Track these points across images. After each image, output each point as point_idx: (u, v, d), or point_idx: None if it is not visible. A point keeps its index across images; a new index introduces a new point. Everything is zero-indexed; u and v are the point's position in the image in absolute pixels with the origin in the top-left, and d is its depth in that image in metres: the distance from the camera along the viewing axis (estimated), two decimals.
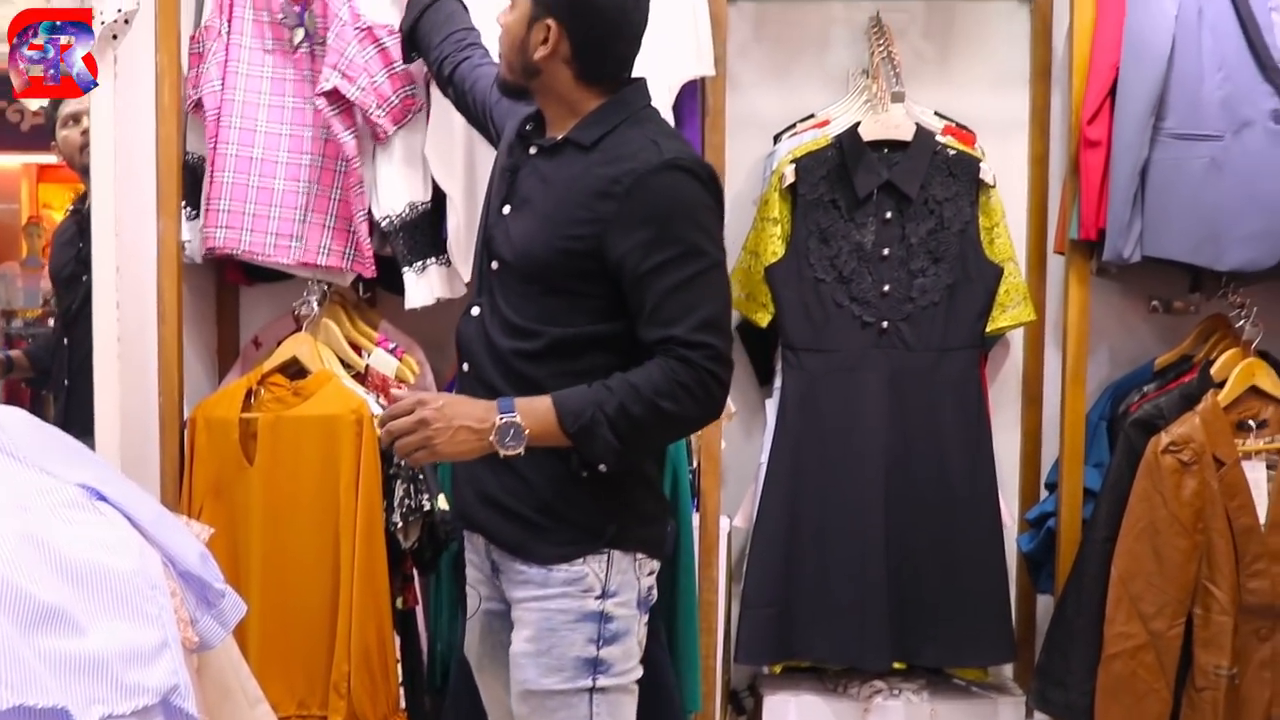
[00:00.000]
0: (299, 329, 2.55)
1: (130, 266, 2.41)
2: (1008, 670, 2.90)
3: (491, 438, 1.70)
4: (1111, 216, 2.48)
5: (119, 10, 2.20)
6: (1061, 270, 2.69)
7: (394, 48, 2.42)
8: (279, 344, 2.55)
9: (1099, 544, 2.46)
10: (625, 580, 1.83)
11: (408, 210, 2.55)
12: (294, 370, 2.47)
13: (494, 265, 1.86)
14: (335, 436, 2.33)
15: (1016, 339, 2.88)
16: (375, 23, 2.46)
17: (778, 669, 2.76)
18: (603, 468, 1.75)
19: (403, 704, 2.35)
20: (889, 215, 2.62)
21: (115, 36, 2.24)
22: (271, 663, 2.32)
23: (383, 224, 2.55)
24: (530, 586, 1.82)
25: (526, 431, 1.70)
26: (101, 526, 1.44)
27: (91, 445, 2.23)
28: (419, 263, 2.56)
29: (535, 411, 1.71)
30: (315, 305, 2.55)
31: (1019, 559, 2.82)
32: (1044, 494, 2.80)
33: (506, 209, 1.86)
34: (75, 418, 2.50)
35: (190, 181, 2.60)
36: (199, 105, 2.52)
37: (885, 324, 2.62)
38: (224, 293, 2.86)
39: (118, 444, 2.34)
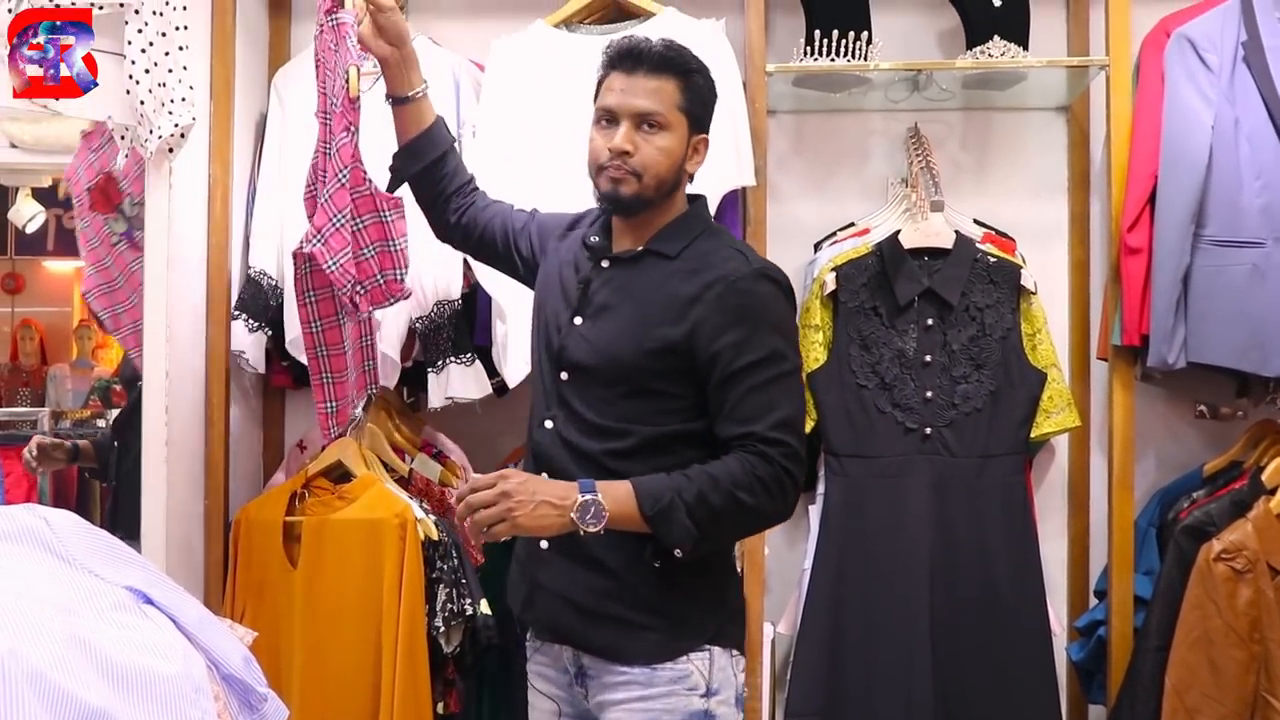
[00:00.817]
0: (344, 433, 2.56)
1: (180, 372, 2.43)
2: None
3: (573, 514, 1.70)
4: (1155, 323, 2.46)
5: (175, 125, 2.24)
6: (1105, 376, 2.67)
7: (396, 222, 2.22)
8: (323, 448, 2.56)
9: (1152, 653, 2.40)
10: (725, 678, 1.83)
11: (435, 311, 2.58)
12: (338, 474, 2.47)
13: (564, 375, 1.88)
14: (379, 540, 2.33)
15: (1061, 444, 2.84)
16: (376, 188, 2.19)
17: None
18: (678, 553, 1.75)
19: None
20: (930, 322, 2.62)
21: (171, 150, 2.29)
22: None
23: (416, 325, 2.58)
24: (633, 688, 1.81)
25: (606, 511, 1.71)
26: (147, 630, 1.42)
27: (137, 547, 2.23)
28: (440, 362, 2.58)
29: (615, 493, 1.73)
30: (359, 409, 2.56)
31: (1069, 668, 2.75)
32: (1093, 601, 2.74)
33: (578, 320, 1.89)
34: (120, 519, 2.51)
35: (254, 294, 2.64)
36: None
37: (928, 430, 2.60)
38: (270, 397, 2.88)
39: (164, 545, 2.34)
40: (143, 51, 2.20)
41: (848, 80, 2.72)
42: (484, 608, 2.35)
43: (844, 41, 2.64)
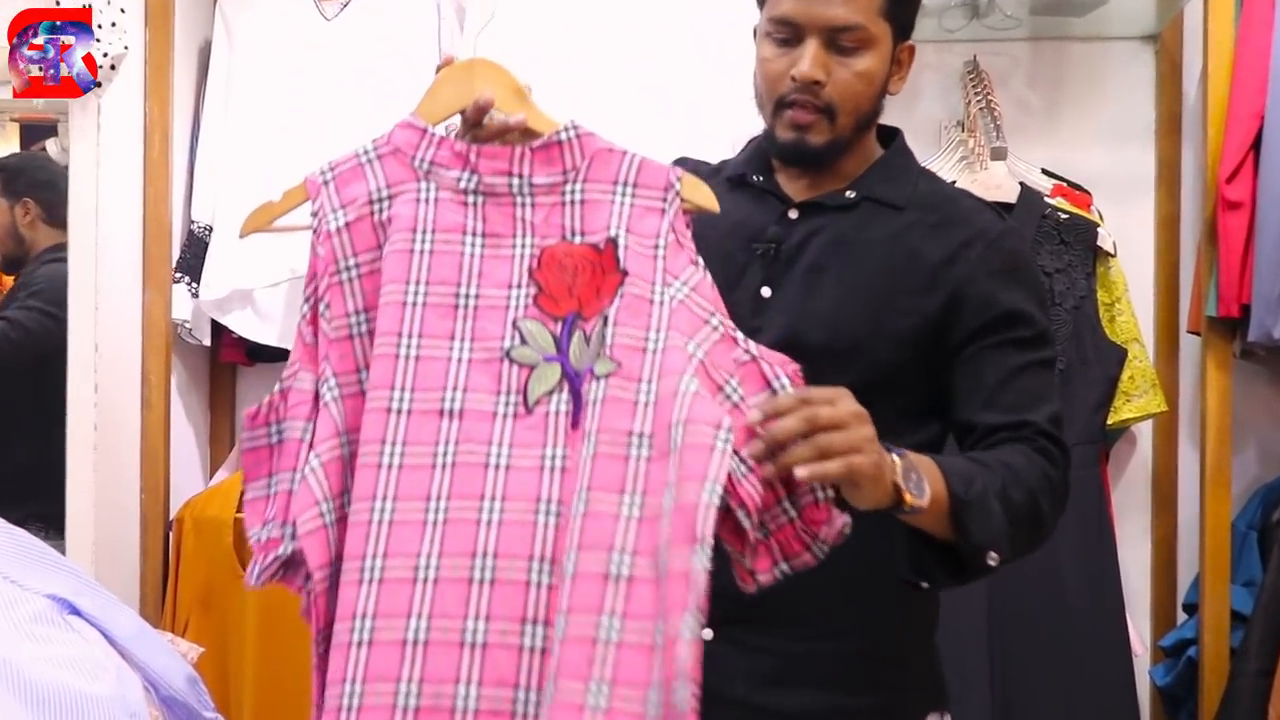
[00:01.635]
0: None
1: (111, 344, 2.41)
2: None
3: (897, 477, 1.37)
4: (1258, 290, 2.43)
5: (104, 55, 2.23)
6: (1197, 352, 2.64)
7: None
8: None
9: (1252, 678, 2.38)
10: None
11: None
12: None
13: None
14: None
15: (1144, 432, 2.83)
16: None
17: None
18: (992, 559, 1.46)
19: None
20: None
21: (100, 84, 2.27)
22: None
23: None
24: None
25: (927, 483, 1.40)
26: (73, 645, 1.42)
27: (61, 549, 2.22)
28: None
29: (924, 464, 1.42)
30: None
31: (1152, 694, 2.75)
32: (1181, 617, 2.73)
33: (767, 291, 1.63)
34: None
35: (198, 253, 2.62)
36: None
37: None
38: (219, 374, 2.87)
39: (92, 547, 2.34)
40: None
41: None
42: None
43: None
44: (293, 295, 2.59)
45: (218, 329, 2.70)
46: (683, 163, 1.68)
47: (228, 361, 2.84)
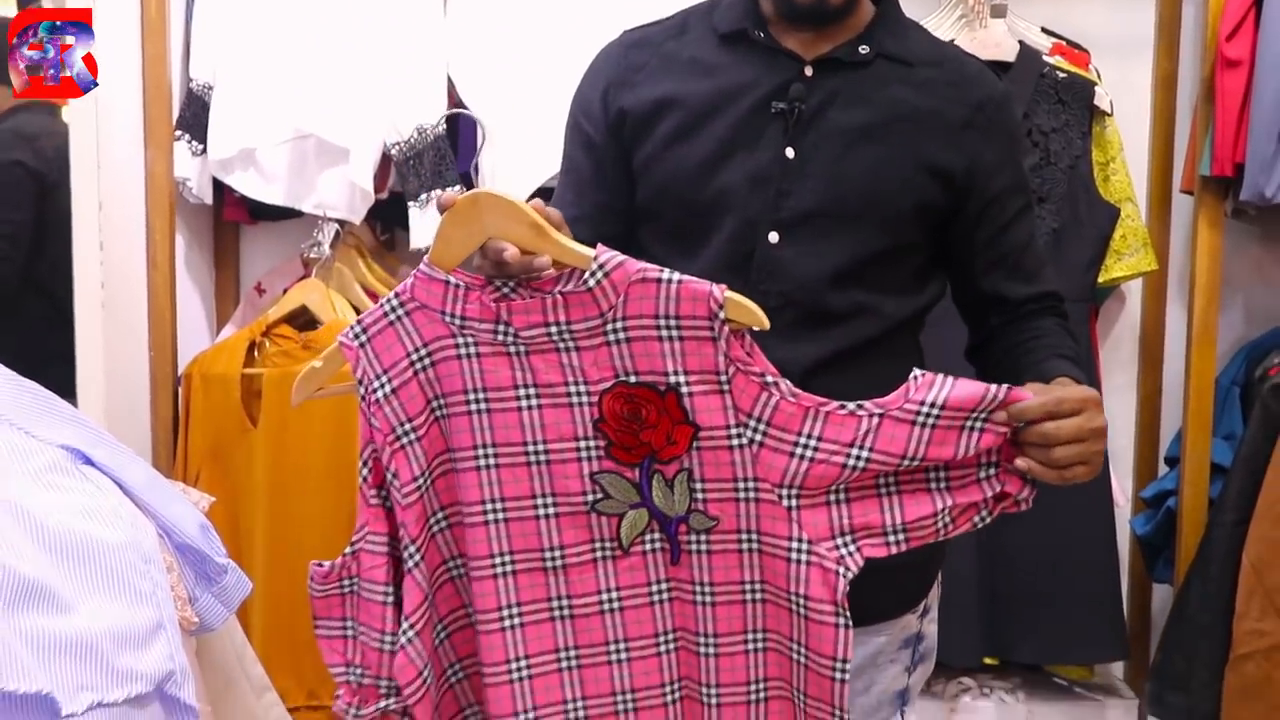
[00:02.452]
0: (308, 274, 2.54)
1: (115, 204, 2.40)
2: (1117, 669, 2.88)
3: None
4: (1253, 148, 2.41)
5: None
6: (1189, 212, 2.64)
7: None
8: (285, 291, 2.54)
9: (1228, 527, 2.42)
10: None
11: (415, 135, 2.54)
12: (303, 321, 2.46)
13: (773, 238, 1.53)
14: (350, 396, 2.32)
15: (1134, 291, 2.83)
16: None
17: None
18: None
19: None
20: None
21: None
22: (278, 648, 2.33)
23: (393, 152, 2.53)
24: None
25: None
26: (88, 493, 1.42)
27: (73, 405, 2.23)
28: (424, 195, 2.54)
29: None
30: (326, 247, 2.54)
31: (1133, 543, 2.79)
32: (1163, 469, 2.77)
33: (792, 152, 1.54)
34: None
35: (197, 111, 2.59)
36: None
37: None
38: (223, 233, 2.85)
39: (103, 403, 2.34)
40: None
41: None
42: None
43: None
44: (295, 154, 2.57)
45: (219, 188, 2.68)
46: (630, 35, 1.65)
47: (231, 220, 2.82)
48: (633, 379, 1.37)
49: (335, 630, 1.46)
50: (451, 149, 2.59)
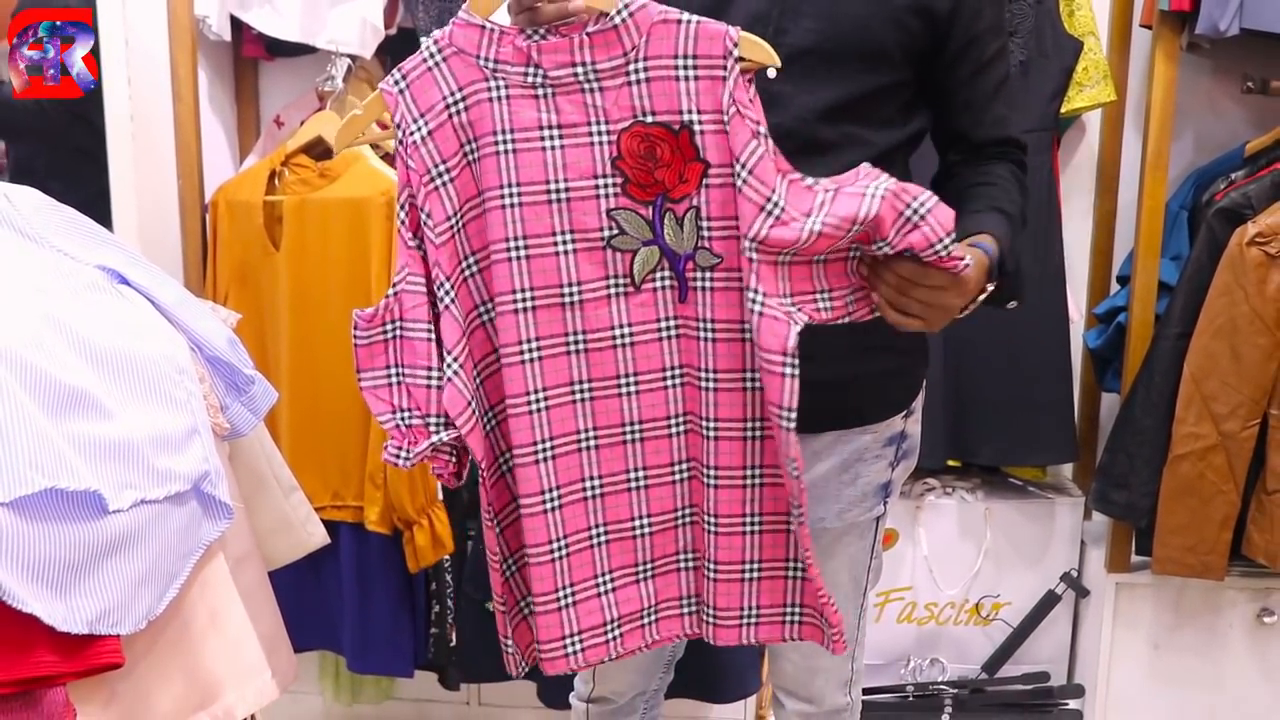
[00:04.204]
0: (323, 107, 2.51)
1: (139, 42, 2.36)
2: (1067, 470, 2.93)
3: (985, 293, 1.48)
4: None
5: None
6: (1147, 46, 2.58)
7: None
8: (302, 123, 2.52)
9: (1172, 340, 2.44)
10: None
11: None
12: (319, 151, 2.44)
13: (770, 74, 1.49)
14: (364, 219, 2.32)
15: (1093, 121, 2.80)
16: None
17: None
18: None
19: (440, 495, 2.40)
20: None
21: None
22: (304, 453, 2.37)
23: None
24: None
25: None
26: (124, 310, 1.43)
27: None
28: (433, 30, 2.49)
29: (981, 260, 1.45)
30: (339, 81, 2.50)
31: (1084, 355, 2.81)
32: (1114, 288, 2.77)
33: None
34: None
35: None
36: None
37: None
38: (242, 68, 2.81)
39: (136, 228, 2.34)
40: None
41: None
42: None
43: None
44: None
45: (238, 25, 2.63)
46: None
47: (250, 57, 2.77)
48: (649, 119, 1.38)
49: (380, 379, 1.46)
50: None
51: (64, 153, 2.58)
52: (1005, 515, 2.77)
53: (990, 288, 1.47)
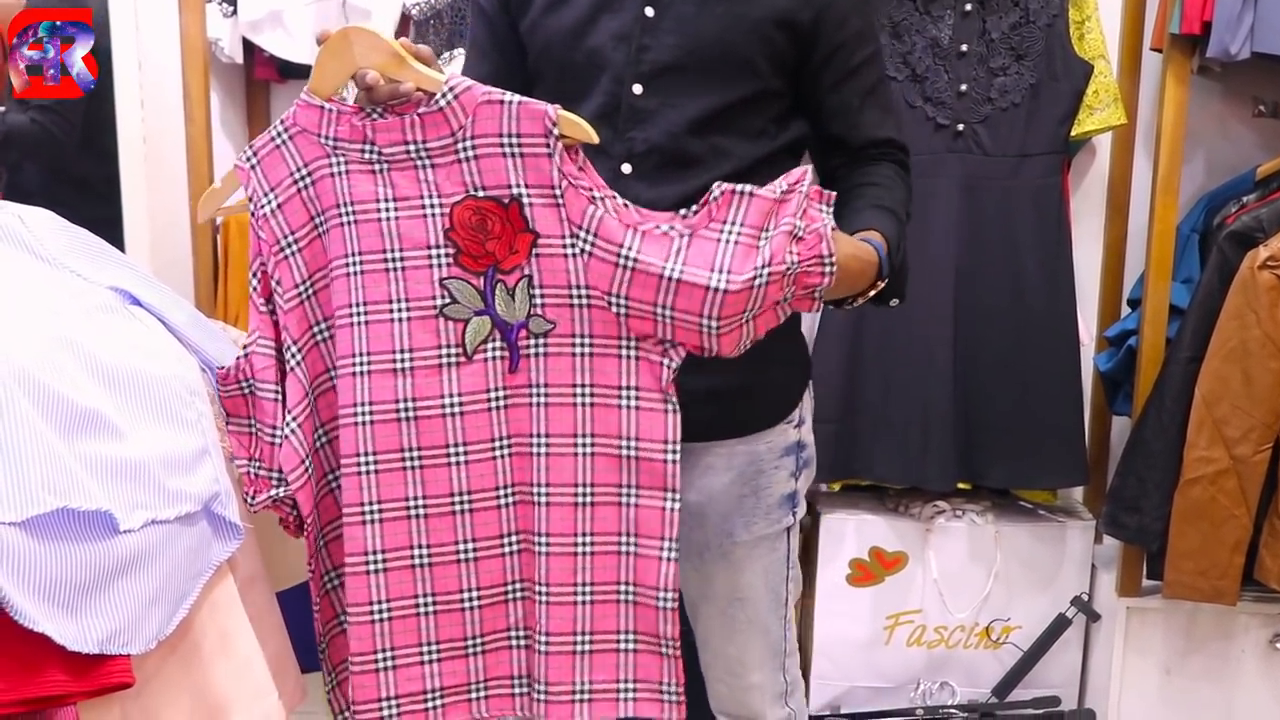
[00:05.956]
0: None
1: (153, 64, 2.38)
2: (1077, 494, 2.92)
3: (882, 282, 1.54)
4: (1220, 7, 2.35)
5: None
6: (1158, 69, 2.59)
7: None
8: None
9: (1183, 364, 2.44)
10: None
11: None
12: None
13: (637, 90, 1.57)
14: None
15: (1104, 144, 2.80)
16: None
17: (836, 486, 2.79)
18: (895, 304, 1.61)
19: None
20: (968, 8, 2.53)
21: None
22: None
23: (413, 11, 2.50)
24: None
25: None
26: (136, 330, 1.45)
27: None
28: (445, 54, 2.52)
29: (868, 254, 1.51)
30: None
31: (1095, 378, 2.80)
32: (1125, 310, 2.76)
33: (651, 10, 1.57)
34: None
35: None
36: None
37: (961, 126, 2.55)
38: (254, 91, 2.83)
39: (148, 249, 2.36)
40: None
41: None
42: None
43: None
44: (320, 14, 2.54)
45: (250, 48, 2.65)
46: None
47: (261, 79, 2.79)
48: (480, 193, 1.42)
49: (242, 427, 1.53)
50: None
51: (66, 179, 2.60)
52: (1015, 538, 2.76)
53: (881, 285, 1.52)
